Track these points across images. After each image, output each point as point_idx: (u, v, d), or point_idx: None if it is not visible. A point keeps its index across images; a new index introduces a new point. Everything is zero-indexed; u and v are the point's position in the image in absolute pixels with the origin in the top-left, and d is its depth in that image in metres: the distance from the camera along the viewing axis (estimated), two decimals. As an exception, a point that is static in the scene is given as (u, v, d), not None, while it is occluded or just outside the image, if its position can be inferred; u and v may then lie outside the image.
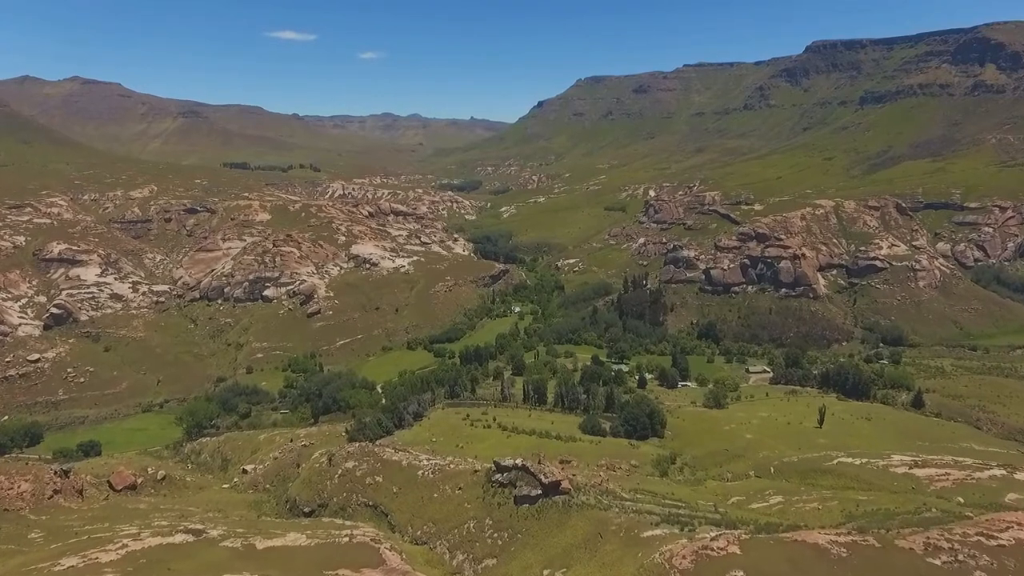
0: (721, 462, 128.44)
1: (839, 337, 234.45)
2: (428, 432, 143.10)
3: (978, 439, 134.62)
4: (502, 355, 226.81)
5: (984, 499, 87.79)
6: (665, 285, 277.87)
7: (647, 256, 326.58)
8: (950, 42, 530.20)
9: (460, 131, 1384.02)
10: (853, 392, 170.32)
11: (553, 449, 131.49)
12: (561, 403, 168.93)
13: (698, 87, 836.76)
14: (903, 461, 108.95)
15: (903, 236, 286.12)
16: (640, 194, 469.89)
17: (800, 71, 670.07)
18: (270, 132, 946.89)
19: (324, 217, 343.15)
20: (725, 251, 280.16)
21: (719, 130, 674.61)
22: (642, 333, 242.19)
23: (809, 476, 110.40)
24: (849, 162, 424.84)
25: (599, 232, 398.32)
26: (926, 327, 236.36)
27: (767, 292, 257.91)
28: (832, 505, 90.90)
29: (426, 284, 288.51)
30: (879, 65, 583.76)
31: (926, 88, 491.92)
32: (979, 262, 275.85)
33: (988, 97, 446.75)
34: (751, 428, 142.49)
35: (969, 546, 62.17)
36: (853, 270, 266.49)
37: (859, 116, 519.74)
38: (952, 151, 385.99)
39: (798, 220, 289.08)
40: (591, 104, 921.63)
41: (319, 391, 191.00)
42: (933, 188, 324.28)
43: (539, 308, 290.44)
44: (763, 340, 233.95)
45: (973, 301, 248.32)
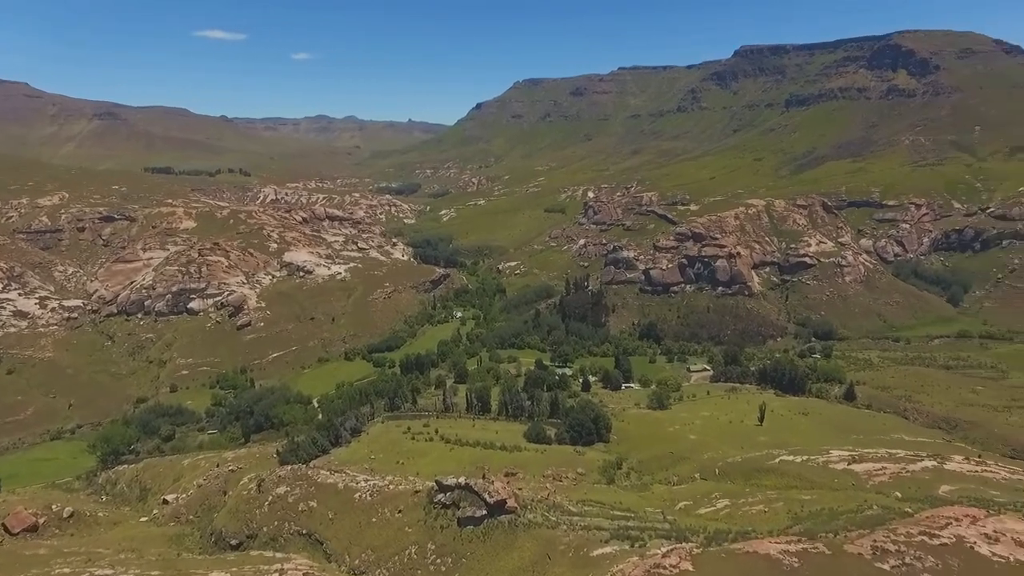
0: (667, 465, 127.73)
1: (774, 333, 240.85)
2: (367, 449, 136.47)
3: (907, 429, 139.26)
4: (444, 362, 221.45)
5: (920, 492, 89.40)
6: (606, 286, 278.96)
7: (588, 257, 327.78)
8: (865, 48, 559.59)
9: (398, 133, 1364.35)
10: (790, 387, 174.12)
11: (498, 461, 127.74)
12: (505, 411, 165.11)
13: (633, 90, 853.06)
14: (841, 456, 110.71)
15: (830, 233, 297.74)
16: (579, 195, 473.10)
17: (729, 75, 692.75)
18: (197, 135, 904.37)
19: (255, 224, 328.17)
20: (663, 251, 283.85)
21: (654, 132, 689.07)
22: (585, 335, 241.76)
23: (753, 476, 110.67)
24: (777, 162, 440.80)
25: (540, 234, 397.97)
26: (853, 321, 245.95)
27: (705, 291, 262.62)
28: (778, 507, 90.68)
29: (364, 291, 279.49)
30: (802, 70, 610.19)
31: (845, 92, 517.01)
32: (898, 257, 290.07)
33: (901, 101, 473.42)
34: (695, 428, 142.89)
35: (914, 547, 62.13)
36: (785, 267, 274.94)
37: (785, 118, 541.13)
38: (871, 152, 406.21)
39: (732, 219, 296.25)
40: (529, 106, 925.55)
41: (250, 408, 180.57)
42: (855, 187, 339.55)
43: (481, 312, 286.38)
44: (702, 338, 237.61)
45: (895, 294, 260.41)
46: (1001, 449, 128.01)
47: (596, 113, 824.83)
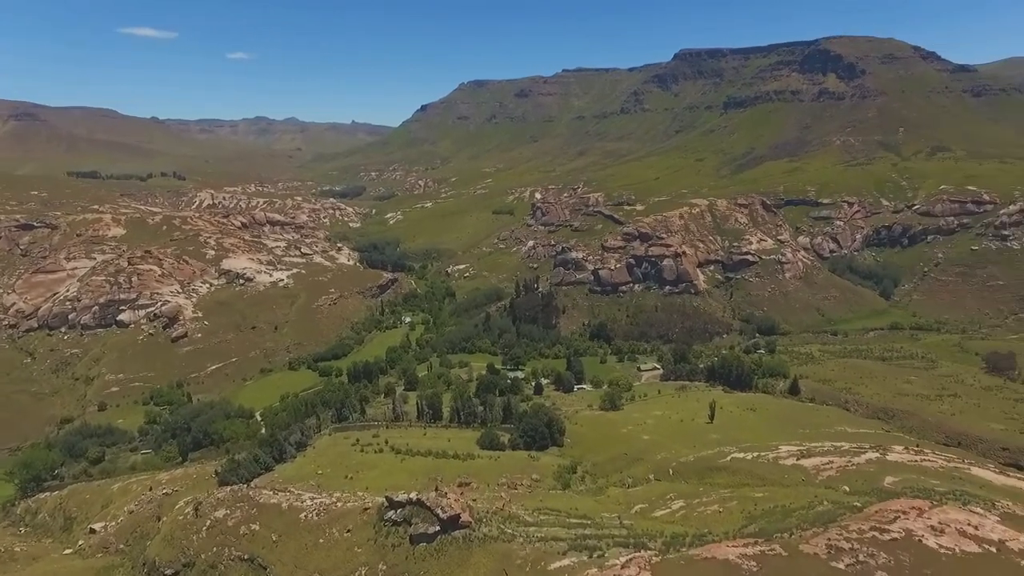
0: (621, 467, 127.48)
1: (720, 330, 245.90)
2: (313, 464, 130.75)
3: (849, 421, 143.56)
4: (393, 369, 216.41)
5: (866, 485, 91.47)
6: (556, 287, 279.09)
7: (537, 259, 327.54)
8: (797, 53, 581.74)
9: (341, 135, 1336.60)
10: (737, 383, 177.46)
11: (451, 470, 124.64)
12: (457, 417, 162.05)
13: (577, 92, 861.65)
14: (790, 452, 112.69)
15: (770, 231, 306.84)
16: (527, 197, 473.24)
17: (670, 77, 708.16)
18: (126, 137, 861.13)
19: (190, 230, 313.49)
20: (611, 251, 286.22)
21: (599, 133, 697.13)
22: (536, 337, 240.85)
23: (706, 475, 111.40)
24: (718, 163, 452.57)
25: (488, 236, 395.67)
26: (794, 316, 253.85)
27: (653, 290, 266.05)
28: (732, 506, 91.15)
29: (308, 298, 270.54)
30: (739, 73, 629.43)
31: (780, 94, 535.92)
32: (834, 253, 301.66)
33: (831, 103, 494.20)
34: (647, 429, 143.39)
35: (866, 543, 62.85)
36: (728, 265, 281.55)
37: (724, 120, 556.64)
38: (805, 152, 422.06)
39: (677, 219, 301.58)
40: (475, 108, 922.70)
41: (187, 425, 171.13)
42: (792, 186, 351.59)
43: (431, 317, 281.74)
44: (651, 337, 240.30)
45: (832, 289, 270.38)
46: (935, 436, 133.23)
47: (541, 114, 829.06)
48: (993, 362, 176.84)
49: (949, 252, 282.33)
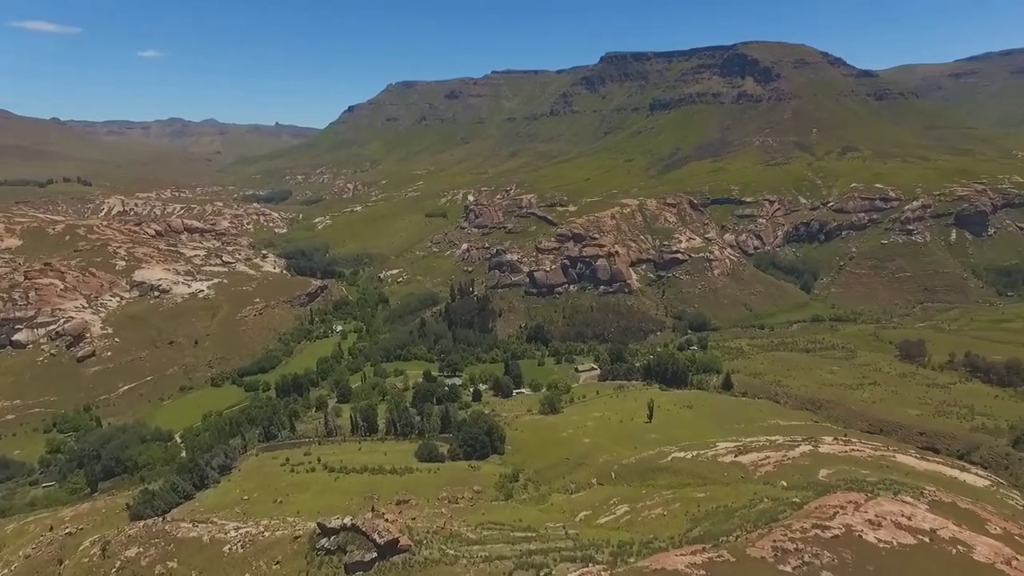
0: (564, 472, 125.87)
1: (654, 328, 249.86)
2: (239, 488, 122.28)
3: (780, 414, 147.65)
4: (325, 381, 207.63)
5: (803, 479, 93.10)
6: (492, 290, 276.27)
7: (471, 262, 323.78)
8: (717, 57, 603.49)
9: (264, 137, 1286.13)
10: (673, 381, 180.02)
11: (388, 486, 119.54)
12: (394, 429, 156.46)
13: (507, 93, 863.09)
14: (728, 448, 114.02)
15: (697, 230, 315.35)
16: (459, 199, 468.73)
17: (597, 79, 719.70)
18: (21, 139, 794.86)
19: (97, 239, 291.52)
20: (546, 253, 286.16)
21: (530, 135, 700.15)
22: (473, 342, 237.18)
23: (648, 476, 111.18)
24: (646, 163, 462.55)
25: (421, 240, 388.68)
26: (723, 311, 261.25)
27: (588, 290, 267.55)
28: (675, 508, 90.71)
29: (231, 309, 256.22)
30: (663, 75, 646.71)
31: (702, 97, 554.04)
32: (758, 250, 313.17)
33: (750, 105, 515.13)
34: (588, 431, 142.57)
35: (810, 543, 63.07)
36: (660, 264, 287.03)
37: (650, 121, 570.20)
38: (727, 152, 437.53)
39: (609, 219, 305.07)
40: (404, 109, 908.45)
41: (97, 452, 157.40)
42: (717, 185, 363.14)
43: (364, 325, 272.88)
44: (588, 337, 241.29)
45: (757, 285, 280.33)
46: (859, 425, 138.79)
47: (472, 116, 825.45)
48: (906, 350, 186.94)
49: (861, 246, 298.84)
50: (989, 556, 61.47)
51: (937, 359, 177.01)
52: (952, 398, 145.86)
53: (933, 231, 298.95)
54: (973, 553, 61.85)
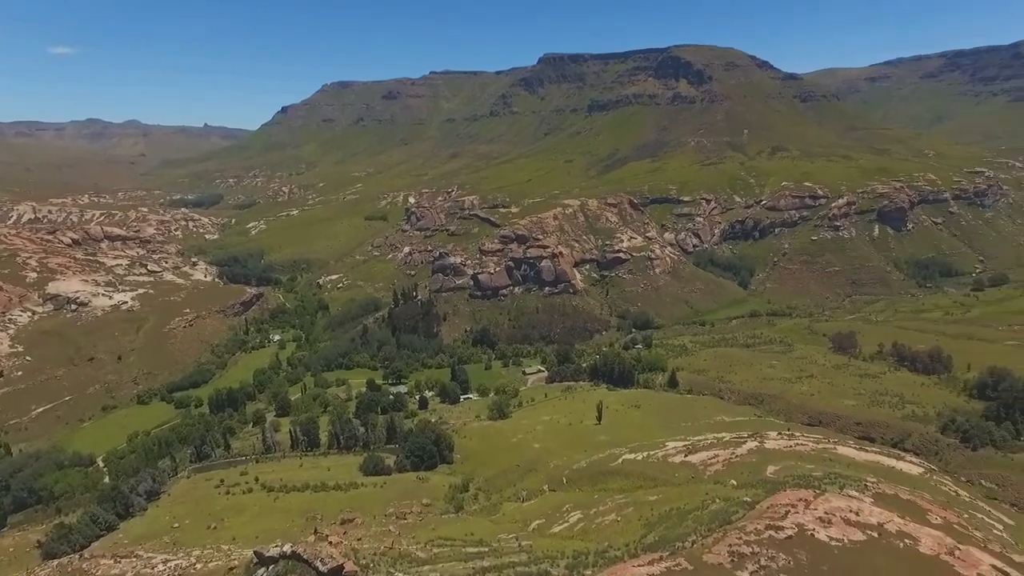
0: (515, 480, 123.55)
1: (599, 327, 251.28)
2: (168, 515, 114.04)
3: (725, 410, 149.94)
4: (263, 394, 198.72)
5: (752, 477, 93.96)
6: (436, 294, 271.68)
7: (414, 265, 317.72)
8: (651, 59, 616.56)
9: (192, 139, 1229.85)
10: (620, 380, 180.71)
11: (333, 505, 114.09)
12: (337, 443, 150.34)
13: (446, 94, 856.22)
14: (677, 448, 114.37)
15: (638, 229, 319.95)
16: (400, 201, 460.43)
17: (536, 81, 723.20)
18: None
19: (3, 250, 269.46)
20: (490, 255, 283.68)
21: (470, 136, 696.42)
22: (417, 348, 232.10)
23: (600, 480, 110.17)
24: (586, 164, 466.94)
25: (361, 243, 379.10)
26: (666, 309, 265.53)
27: (533, 292, 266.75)
28: (629, 513, 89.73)
29: (158, 321, 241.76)
30: (600, 77, 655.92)
31: (638, 98, 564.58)
32: (696, 248, 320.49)
33: (685, 107, 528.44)
34: (537, 436, 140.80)
35: (765, 545, 62.84)
36: (603, 263, 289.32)
37: (589, 122, 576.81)
38: (664, 152, 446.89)
39: (551, 220, 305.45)
40: (340, 110, 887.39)
41: (6, 483, 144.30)
42: (655, 185, 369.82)
43: (303, 333, 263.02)
44: (534, 339, 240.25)
45: (697, 282, 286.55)
46: (800, 417, 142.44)
47: (411, 117, 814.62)
48: (838, 342, 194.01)
49: (793, 243, 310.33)
50: (934, 548, 62.84)
51: (867, 350, 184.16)
52: (883, 387, 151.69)
53: (858, 227, 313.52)
54: (919, 546, 63.09)
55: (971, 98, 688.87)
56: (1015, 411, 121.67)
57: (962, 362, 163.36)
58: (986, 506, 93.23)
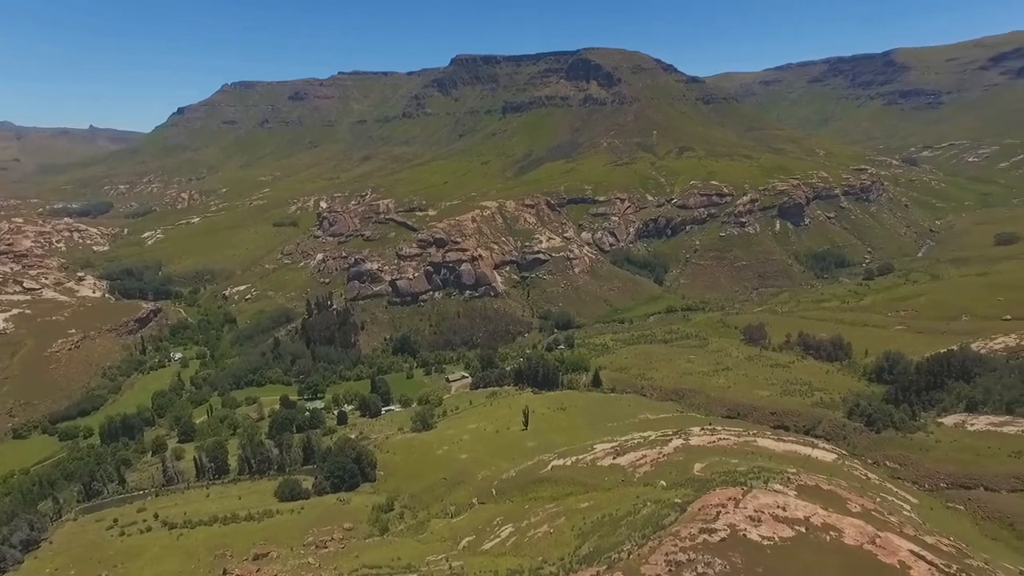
0: (442, 494, 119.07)
1: (521, 329, 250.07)
2: (50, 567, 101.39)
3: (649, 407, 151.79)
4: (163, 419, 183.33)
5: (680, 476, 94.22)
6: (352, 303, 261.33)
7: (328, 273, 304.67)
8: (563, 61, 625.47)
9: (75, 143, 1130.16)
10: (544, 383, 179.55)
11: (244, 537, 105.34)
12: (248, 467, 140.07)
13: (356, 95, 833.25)
14: (605, 450, 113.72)
15: (556, 229, 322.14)
16: (311, 206, 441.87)
17: (449, 82, 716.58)
18: None
19: None
20: (408, 259, 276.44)
21: (383, 138, 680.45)
22: (334, 359, 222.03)
23: (530, 489, 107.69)
24: (502, 165, 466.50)
25: (271, 251, 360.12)
26: (586, 308, 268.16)
27: (454, 296, 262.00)
28: (561, 523, 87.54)
29: (38, 344, 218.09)
30: (512, 79, 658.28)
31: (551, 100, 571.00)
32: (613, 246, 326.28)
33: (596, 108, 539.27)
34: (464, 446, 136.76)
35: (700, 550, 62.06)
36: (523, 264, 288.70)
37: (503, 124, 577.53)
38: (579, 153, 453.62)
39: (470, 222, 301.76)
40: (243, 111, 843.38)
41: None
42: (571, 186, 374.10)
43: (208, 350, 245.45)
44: (456, 345, 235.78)
45: (615, 280, 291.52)
46: (720, 411, 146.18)
47: (320, 119, 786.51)
48: (749, 334, 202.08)
49: (704, 239, 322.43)
50: (857, 538, 64.30)
51: (776, 340, 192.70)
52: (793, 376, 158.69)
53: (761, 222, 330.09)
54: (844, 537, 64.36)
55: (852, 101, 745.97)
56: (910, 393, 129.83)
57: (860, 348, 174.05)
58: (893, 487, 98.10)
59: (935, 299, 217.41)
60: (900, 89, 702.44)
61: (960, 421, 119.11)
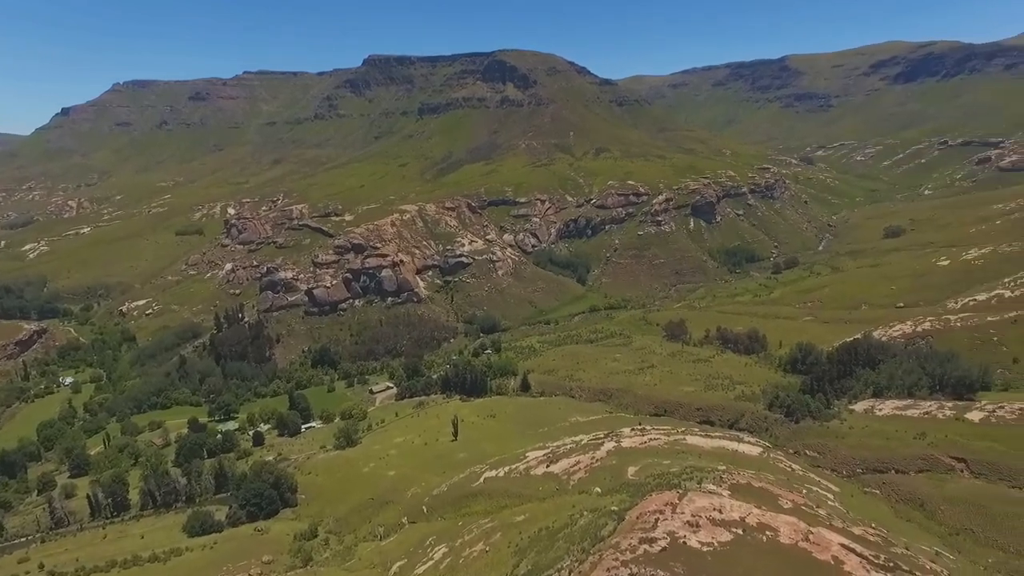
0: (370, 515, 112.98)
1: (447, 335, 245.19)
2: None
3: (578, 409, 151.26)
4: (51, 452, 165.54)
5: (615, 481, 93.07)
6: (266, 314, 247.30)
7: (239, 284, 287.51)
8: (478, 63, 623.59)
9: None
10: (473, 390, 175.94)
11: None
12: (152, 501, 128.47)
13: (264, 96, 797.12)
14: (538, 458, 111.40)
15: (478, 232, 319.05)
16: (218, 213, 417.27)
17: (362, 83, 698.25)
18: None
19: None
20: (325, 267, 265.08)
21: (294, 140, 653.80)
22: (248, 375, 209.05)
23: (463, 504, 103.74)
24: (421, 167, 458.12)
25: (174, 262, 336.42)
26: (511, 311, 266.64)
27: (375, 303, 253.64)
28: (497, 540, 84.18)
29: None
30: (428, 80, 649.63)
31: (468, 101, 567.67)
32: (535, 247, 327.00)
33: (513, 110, 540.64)
34: (391, 462, 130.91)
35: (641, 563, 60.40)
36: (445, 268, 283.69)
37: (420, 125, 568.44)
38: (498, 155, 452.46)
39: (389, 227, 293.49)
40: (138, 112, 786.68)
41: None
42: (492, 187, 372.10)
43: (104, 372, 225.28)
44: (380, 354, 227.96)
45: (539, 281, 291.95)
46: (647, 408, 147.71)
47: (225, 120, 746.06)
48: (670, 330, 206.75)
49: (623, 238, 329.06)
50: (792, 536, 64.81)
51: (696, 336, 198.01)
52: (715, 371, 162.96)
53: (676, 221, 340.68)
54: (779, 536, 64.69)
55: (752, 104, 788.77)
56: (824, 382, 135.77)
57: (774, 340, 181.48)
58: (815, 476, 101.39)
59: (837, 290, 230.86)
60: (795, 93, 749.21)
61: (869, 407, 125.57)
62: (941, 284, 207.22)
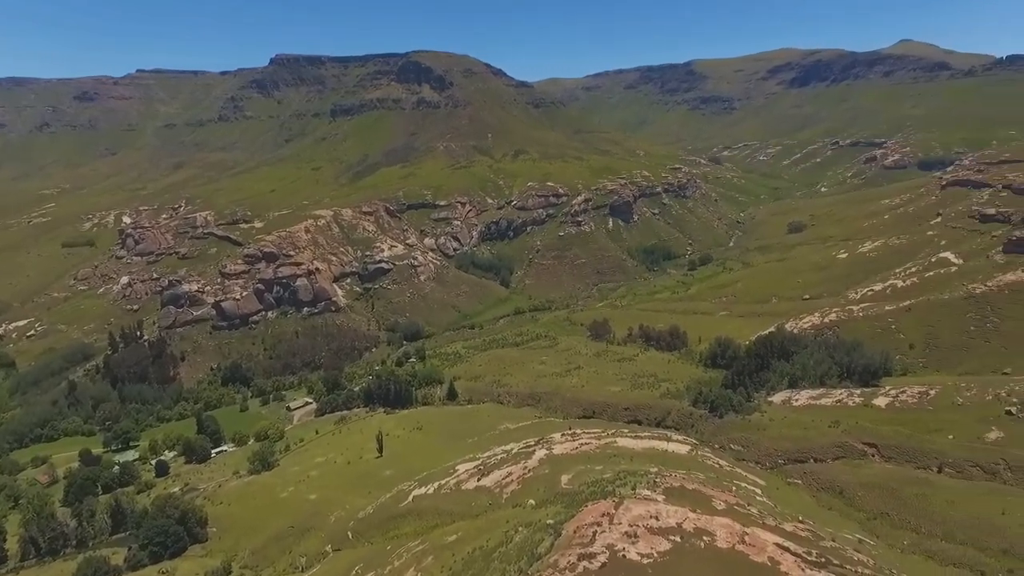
0: (290, 545, 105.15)
1: (368, 344, 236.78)
2: None
3: (507, 416, 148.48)
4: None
5: (549, 492, 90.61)
6: (168, 331, 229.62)
7: (136, 298, 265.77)
8: (392, 64, 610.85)
9: None
10: (397, 401, 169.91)
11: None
12: (35, 549, 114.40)
13: (162, 96, 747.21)
14: (468, 471, 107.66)
15: (398, 236, 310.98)
16: (111, 222, 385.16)
17: (270, 83, 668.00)
18: None
19: None
20: (234, 278, 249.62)
21: (196, 143, 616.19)
22: (149, 398, 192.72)
23: (391, 526, 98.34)
24: (336, 171, 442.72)
25: (60, 277, 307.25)
26: (434, 316, 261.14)
27: (290, 315, 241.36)
28: (429, 564, 79.59)
29: None
30: (340, 80, 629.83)
31: (383, 103, 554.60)
32: (457, 251, 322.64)
33: (430, 111, 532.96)
34: (312, 484, 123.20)
35: (582, 581, 58.30)
36: (364, 275, 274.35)
37: (334, 127, 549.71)
38: (415, 157, 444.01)
39: (303, 233, 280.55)
40: (14, 113, 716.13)
41: None
42: (410, 191, 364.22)
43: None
44: (297, 368, 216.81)
45: (462, 285, 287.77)
46: (576, 411, 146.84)
47: (117, 122, 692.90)
48: (594, 330, 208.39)
49: (544, 239, 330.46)
50: (728, 539, 64.35)
51: (619, 334, 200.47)
52: (640, 369, 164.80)
53: (596, 221, 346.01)
54: (716, 540, 64.09)
55: (662, 106, 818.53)
56: (743, 376, 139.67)
57: (694, 335, 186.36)
58: (742, 471, 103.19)
59: (748, 285, 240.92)
60: (701, 96, 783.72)
61: (786, 398, 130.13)
62: (841, 276, 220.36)
